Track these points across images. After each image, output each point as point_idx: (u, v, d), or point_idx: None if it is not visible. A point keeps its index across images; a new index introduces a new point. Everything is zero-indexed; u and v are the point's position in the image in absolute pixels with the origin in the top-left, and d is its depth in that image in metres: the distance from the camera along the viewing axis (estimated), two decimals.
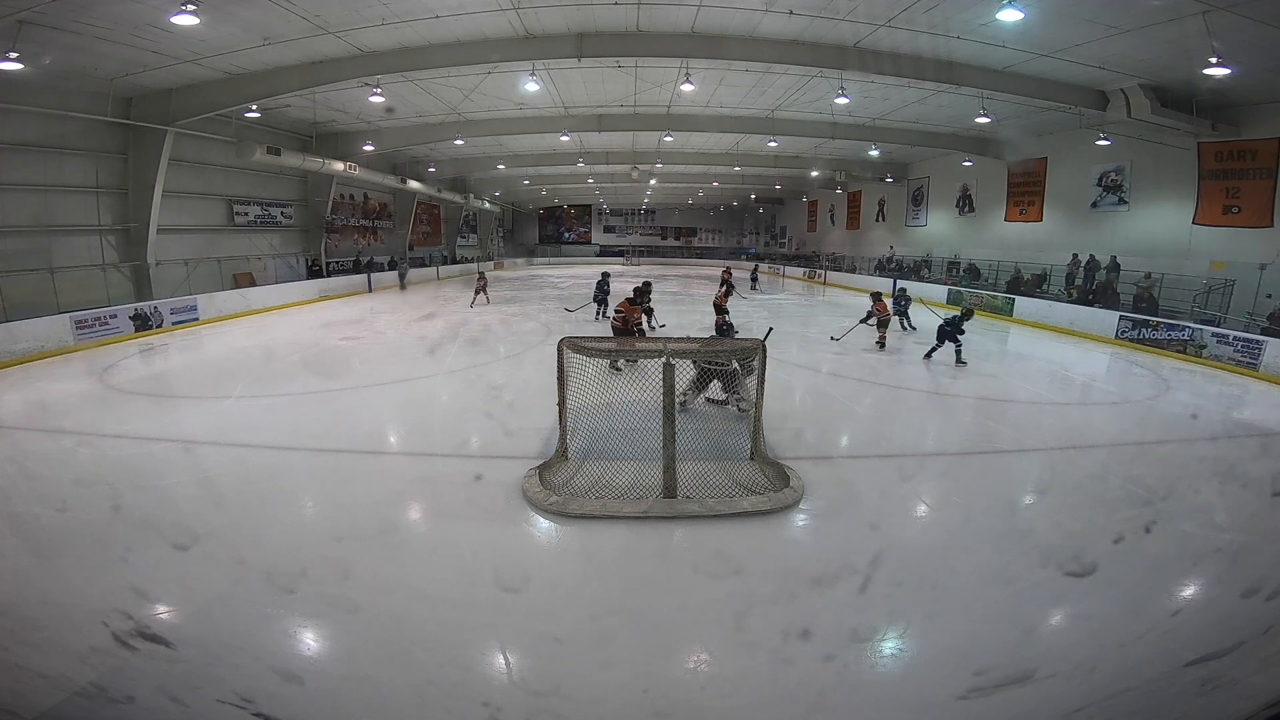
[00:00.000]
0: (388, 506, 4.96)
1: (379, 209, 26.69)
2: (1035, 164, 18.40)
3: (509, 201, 43.16)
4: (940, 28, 10.16)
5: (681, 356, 5.14)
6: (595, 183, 34.24)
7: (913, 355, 11.56)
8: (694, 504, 4.73)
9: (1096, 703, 2.81)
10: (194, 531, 4.36)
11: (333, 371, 9.29)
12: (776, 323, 14.98)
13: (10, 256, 11.89)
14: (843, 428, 7.48)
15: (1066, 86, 12.75)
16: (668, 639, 3.30)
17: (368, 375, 8.82)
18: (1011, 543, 4.41)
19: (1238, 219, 12.99)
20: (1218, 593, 3.90)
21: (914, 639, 3.35)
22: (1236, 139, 12.71)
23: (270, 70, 12.35)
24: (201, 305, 14.55)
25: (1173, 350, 11.78)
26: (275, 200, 19.88)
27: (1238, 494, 5.48)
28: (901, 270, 24.01)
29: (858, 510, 4.92)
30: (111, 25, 9.48)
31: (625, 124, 17.92)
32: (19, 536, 4.22)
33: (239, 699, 2.78)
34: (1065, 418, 7.81)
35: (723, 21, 10.57)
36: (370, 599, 3.56)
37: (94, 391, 8.36)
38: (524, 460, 5.59)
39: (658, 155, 23.91)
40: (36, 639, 3.22)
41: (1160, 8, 8.84)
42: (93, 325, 11.69)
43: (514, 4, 9.86)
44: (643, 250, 47.44)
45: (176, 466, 5.39)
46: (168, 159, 13.91)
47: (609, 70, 13.26)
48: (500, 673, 3.03)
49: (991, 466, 6.14)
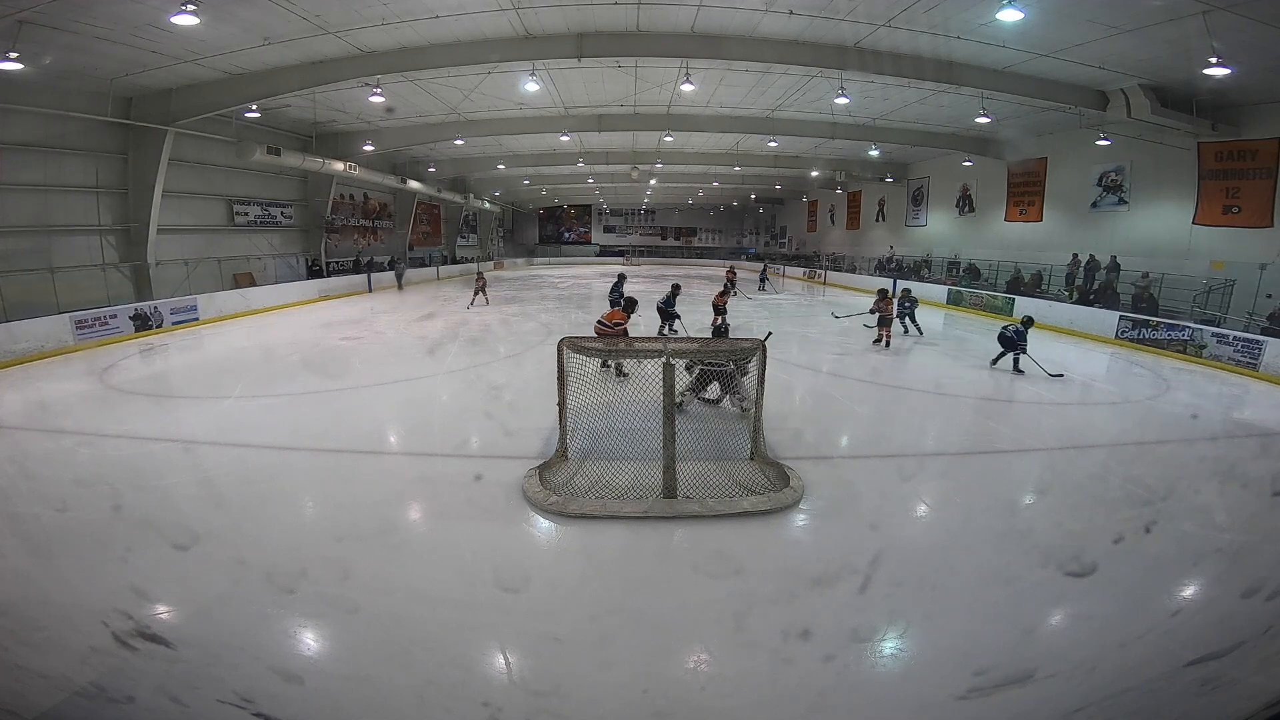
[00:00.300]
0: (388, 506, 4.96)
1: (379, 209, 26.69)
2: (1035, 164, 18.40)
3: (509, 201, 43.17)
4: (940, 28, 10.16)
5: (681, 357, 5.13)
6: (595, 183, 34.24)
7: (913, 354, 11.56)
8: (694, 504, 4.72)
9: (1096, 703, 2.80)
10: (194, 531, 4.36)
11: (333, 371, 9.28)
12: (776, 323, 15.01)
13: (10, 256, 11.89)
14: (843, 428, 7.48)
15: (1066, 86, 12.75)
16: (668, 639, 3.30)
17: (368, 375, 8.81)
18: (1011, 543, 4.41)
19: (1238, 219, 13.00)
20: (1218, 593, 3.90)
21: (914, 639, 3.35)
22: (1236, 139, 12.72)
23: (270, 70, 12.35)
24: (201, 305, 14.55)
25: (1173, 350, 11.78)
26: (275, 200, 19.88)
27: (1238, 494, 5.48)
28: (901, 270, 24.01)
29: (858, 510, 4.92)
30: (111, 25, 9.48)
31: (625, 124, 17.92)
32: (19, 536, 4.22)
33: (239, 699, 2.78)
34: (1065, 418, 7.81)
35: (723, 21, 10.57)
36: (370, 599, 3.56)
37: (94, 391, 8.36)
38: (524, 460, 5.59)
39: (658, 155, 23.91)
40: (36, 639, 3.22)
41: (1160, 8, 8.84)
42: (93, 325, 11.68)
43: (514, 4, 9.86)
44: (643, 250, 47.44)
45: (176, 466, 5.38)
46: (168, 159, 13.91)
47: (609, 70, 13.26)
48: (500, 673, 3.02)
49: (991, 466, 6.14)
